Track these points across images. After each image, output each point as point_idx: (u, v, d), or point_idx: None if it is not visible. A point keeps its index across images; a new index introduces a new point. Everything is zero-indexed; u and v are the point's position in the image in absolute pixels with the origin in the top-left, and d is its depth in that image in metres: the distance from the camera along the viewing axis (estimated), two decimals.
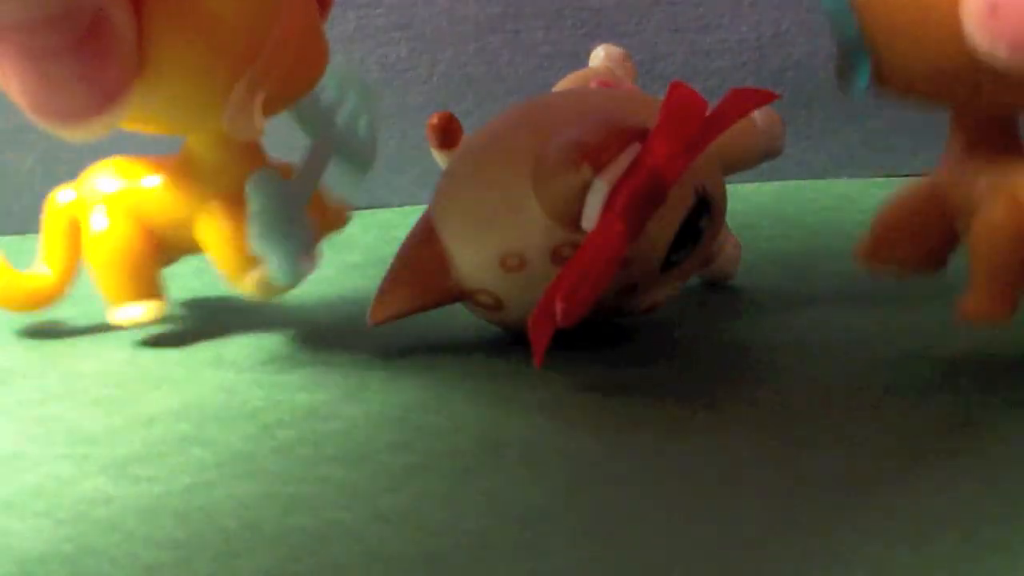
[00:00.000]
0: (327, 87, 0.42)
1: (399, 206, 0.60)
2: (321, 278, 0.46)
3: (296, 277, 0.39)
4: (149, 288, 0.42)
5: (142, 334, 0.43)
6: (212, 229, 0.41)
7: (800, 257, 0.51)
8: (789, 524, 0.30)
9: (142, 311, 0.42)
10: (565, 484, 0.32)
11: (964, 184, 0.38)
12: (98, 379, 0.40)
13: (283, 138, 0.42)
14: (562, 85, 0.47)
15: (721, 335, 0.43)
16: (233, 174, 0.41)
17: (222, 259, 0.41)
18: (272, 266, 0.39)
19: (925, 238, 0.39)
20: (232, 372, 0.40)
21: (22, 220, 0.46)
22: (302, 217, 0.40)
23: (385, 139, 0.63)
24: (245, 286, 0.40)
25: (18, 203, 0.59)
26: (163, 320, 0.42)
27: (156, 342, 0.43)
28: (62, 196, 0.43)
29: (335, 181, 0.43)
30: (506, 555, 0.29)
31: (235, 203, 0.40)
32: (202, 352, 0.41)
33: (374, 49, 0.63)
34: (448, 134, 0.44)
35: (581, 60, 0.49)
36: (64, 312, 0.43)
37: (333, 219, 0.43)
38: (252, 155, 0.41)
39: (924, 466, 0.32)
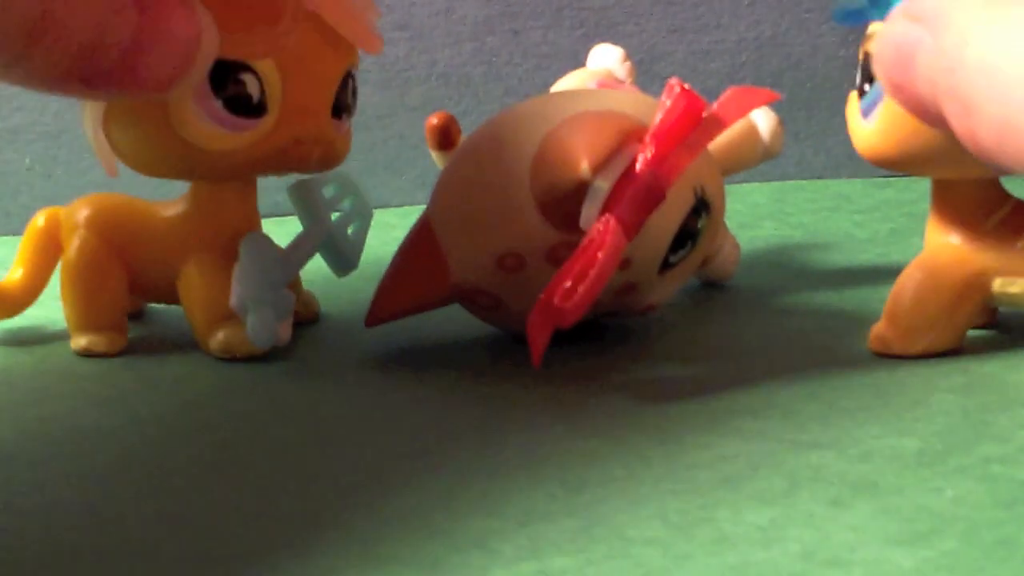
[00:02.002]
0: (328, 185, 0.42)
1: (398, 206, 0.60)
2: (320, 278, 0.46)
3: (270, 341, 0.40)
4: (108, 321, 0.42)
5: (141, 335, 0.44)
6: (193, 281, 0.41)
7: (800, 257, 0.51)
8: (787, 524, 0.30)
9: (89, 342, 0.42)
10: (564, 484, 0.32)
11: (993, 247, 0.38)
12: (98, 379, 0.40)
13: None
14: (561, 85, 0.47)
15: (719, 335, 0.43)
16: (225, 231, 0.41)
17: (196, 312, 0.41)
18: (250, 327, 0.40)
19: (959, 313, 0.39)
20: (232, 372, 0.40)
21: (21, 220, 0.46)
22: (282, 288, 0.40)
23: (383, 139, 0.63)
24: (213, 342, 0.41)
25: (16, 203, 0.59)
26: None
27: (156, 342, 0.43)
28: (44, 218, 0.44)
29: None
30: (507, 556, 0.29)
31: (220, 259, 0.41)
32: (202, 352, 0.41)
33: None
34: (446, 134, 0.44)
35: (581, 60, 0.49)
36: (62, 314, 0.43)
37: (302, 306, 0.44)
38: (247, 217, 0.42)
39: (923, 465, 0.32)
